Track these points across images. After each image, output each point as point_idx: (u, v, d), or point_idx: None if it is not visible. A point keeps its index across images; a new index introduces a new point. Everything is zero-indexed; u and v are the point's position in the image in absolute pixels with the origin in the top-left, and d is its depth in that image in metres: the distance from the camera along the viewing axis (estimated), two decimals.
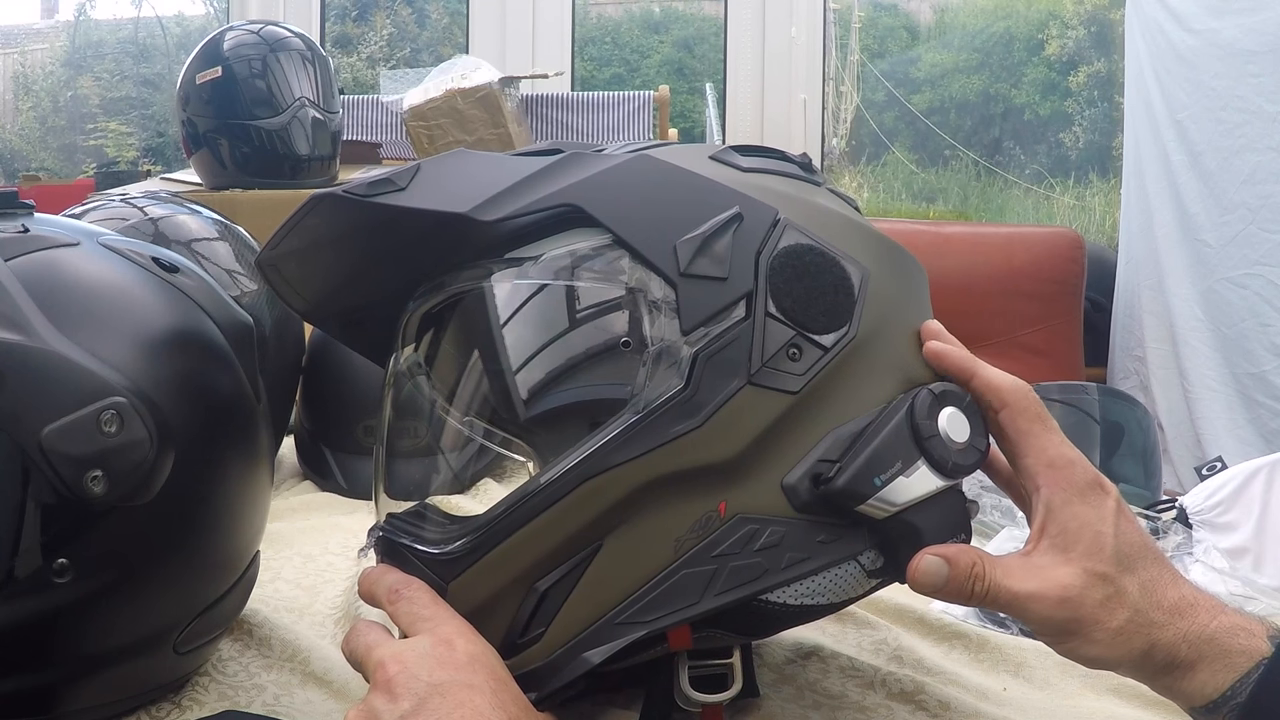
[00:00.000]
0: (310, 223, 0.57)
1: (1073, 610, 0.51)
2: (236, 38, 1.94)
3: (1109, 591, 0.51)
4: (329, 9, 3.60)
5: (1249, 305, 2.25)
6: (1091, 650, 0.52)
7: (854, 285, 0.54)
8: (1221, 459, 1.10)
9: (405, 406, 0.63)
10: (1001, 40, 3.65)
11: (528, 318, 0.58)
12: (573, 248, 0.55)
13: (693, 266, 0.52)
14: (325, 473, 1.11)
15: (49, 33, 4.29)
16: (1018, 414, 0.54)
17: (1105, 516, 0.53)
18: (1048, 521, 0.53)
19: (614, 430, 0.51)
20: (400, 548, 0.56)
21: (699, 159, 0.57)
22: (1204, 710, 0.52)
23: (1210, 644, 0.51)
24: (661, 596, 0.51)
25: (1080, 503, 0.53)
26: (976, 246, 2.56)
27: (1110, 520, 0.53)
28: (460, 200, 0.54)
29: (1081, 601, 0.51)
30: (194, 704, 0.64)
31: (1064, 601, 0.51)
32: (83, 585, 0.54)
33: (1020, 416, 0.54)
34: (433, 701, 0.47)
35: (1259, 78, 2.19)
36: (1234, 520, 0.97)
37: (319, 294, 0.64)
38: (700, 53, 3.75)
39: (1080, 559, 0.52)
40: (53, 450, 0.52)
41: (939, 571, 0.52)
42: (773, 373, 0.51)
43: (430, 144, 2.31)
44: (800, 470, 0.52)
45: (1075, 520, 0.52)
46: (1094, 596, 0.51)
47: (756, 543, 0.51)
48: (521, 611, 0.53)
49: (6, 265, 0.56)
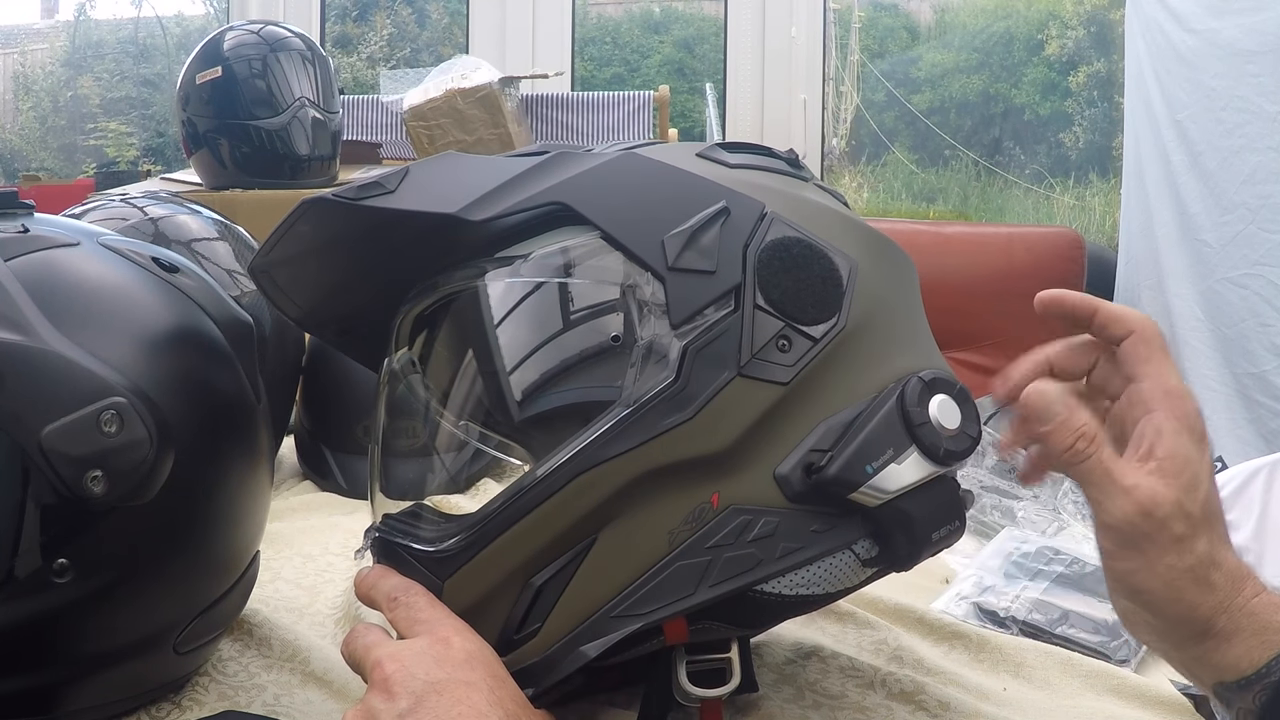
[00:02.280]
0: (301, 229, 0.58)
1: (1152, 527, 0.50)
2: (236, 38, 1.94)
3: (1186, 532, 0.50)
4: (329, 9, 3.60)
5: (1249, 305, 2.25)
6: (1146, 580, 0.51)
7: (842, 277, 0.54)
8: (1221, 459, 1.10)
9: (399, 407, 0.63)
10: (1001, 40, 3.64)
11: (518, 316, 0.58)
12: (561, 245, 0.55)
13: (681, 261, 0.52)
14: (325, 473, 1.11)
15: (49, 33, 4.29)
16: (1142, 340, 0.54)
17: (1205, 464, 0.52)
18: (1157, 443, 0.52)
19: (606, 424, 0.51)
20: (396, 547, 0.56)
21: (686, 156, 0.58)
22: (1235, 686, 0.50)
23: (1250, 618, 0.50)
24: (656, 589, 0.51)
25: (1190, 440, 0.52)
26: (976, 246, 2.56)
27: (1207, 470, 0.52)
28: (449, 201, 0.54)
29: (1163, 524, 0.50)
30: (194, 704, 0.64)
31: (1149, 515, 0.50)
32: (83, 585, 0.54)
33: (1145, 343, 0.54)
34: (430, 700, 0.47)
35: (1259, 78, 2.19)
36: (1234, 520, 0.97)
37: (313, 300, 0.64)
38: (700, 53, 3.75)
39: (1178, 490, 0.51)
40: (53, 450, 0.52)
41: (1053, 404, 0.52)
42: (763, 364, 0.52)
43: (430, 144, 2.31)
44: (792, 460, 0.52)
45: (1183, 451, 0.52)
46: (1174, 528, 0.50)
47: (750, 533, 0.51)
48: (517, 607, 0.53)
49: (6, 265, 0.56)
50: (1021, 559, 0.88)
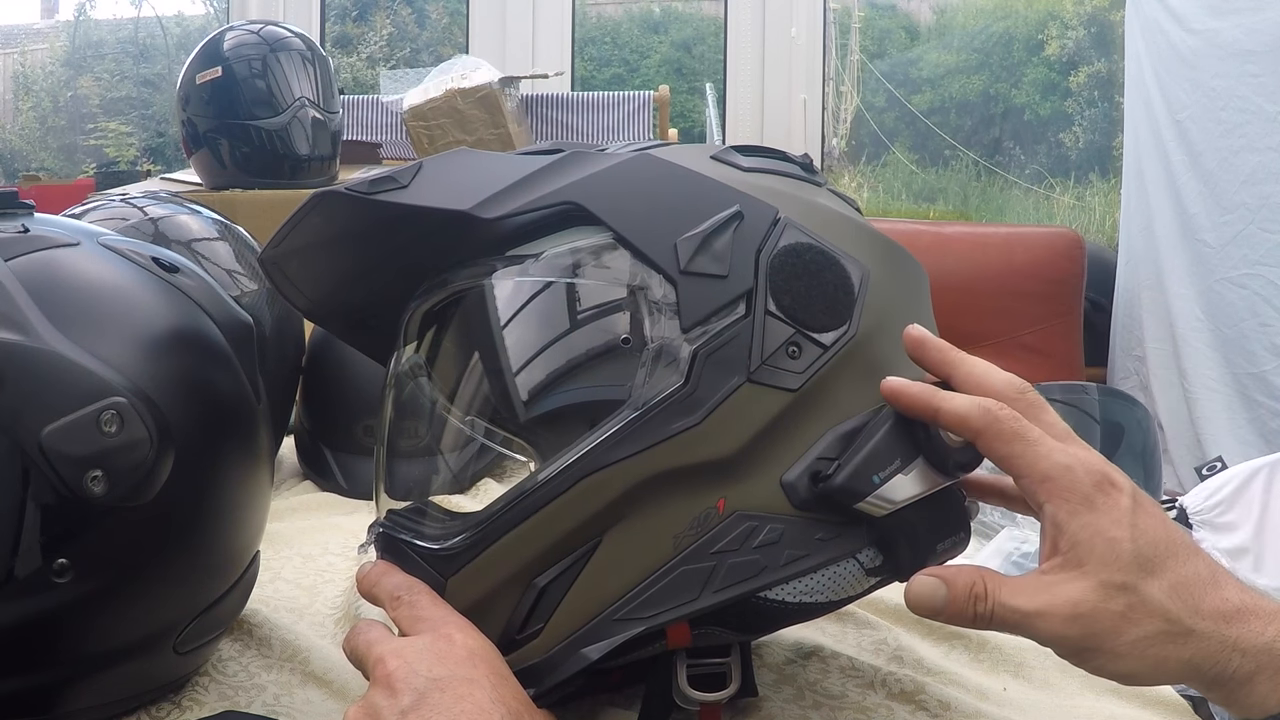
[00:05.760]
0: (312, 221, 0.58)
1: (1086, 626, 0.47)
2: (236, 38, 1.94)
3: (1129, 601, 0.47)
4: (329, 9, 3.61)
5: (1249, 305, 2.25)
6: (1119, 666, 0.47)
7: (854, 284, 0.54)
8: (1221, 459, 1.10)
9: (407, 405, 0.63)
10: (1001, 40, 3.65)
11: (528, 315, 0.58)
12: (573, 245, 0.55)
13: (693, 264, 0.52)
14: (325, 473, 1.11)
15: (49, 33, 4.29)
16: (991, 440, 0.50)
17: (1119, 519, 0.48)
18: (1057, 537, 0.48)
19: (614, 426, 0.51)
20: (400, 543, 0.56)
21: (700, 159, 0.57)
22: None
23: (1266, 654, 0.46)
24: (660, 593, 0.51)
25: (1088, 510, 0.48)
26: (976, 246, 2.57)
27: (1125, 521, 0.48)
28: (462, 198, 0.54)
29: (1095, 616, 0.47)
30: (194, 704, 0.64)
31: (1074, 618, 0.47)
32: (83, 585, 0.54)
33: (995, 441, 0.50)
34: (433, 696, 0.47)
35: (1259, 78, 2.19)
36: (1234, 520, 0.97)
37: (321, 292, 0.64)
38: (700, 53, 3.75)
39: (1095, 571, 0.47)
40: (53, 450, 0.52)
41: (935, 594, 0.49)
42: (772, 370, 0.52)
43: (430, 144, 2.32)
44: (799, 468, 0.52)
45: (1085, 530, 0.48)
46: (1111, 609, 0.47)
47: (755, 540, 0.51)
48: (520, 607, 0.53)
49: (6, 265, 0.56)
50: (1021, 559, 0.88)
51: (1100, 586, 0.47)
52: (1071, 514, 0.48)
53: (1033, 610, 0.47)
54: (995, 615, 0.48)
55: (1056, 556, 0.48)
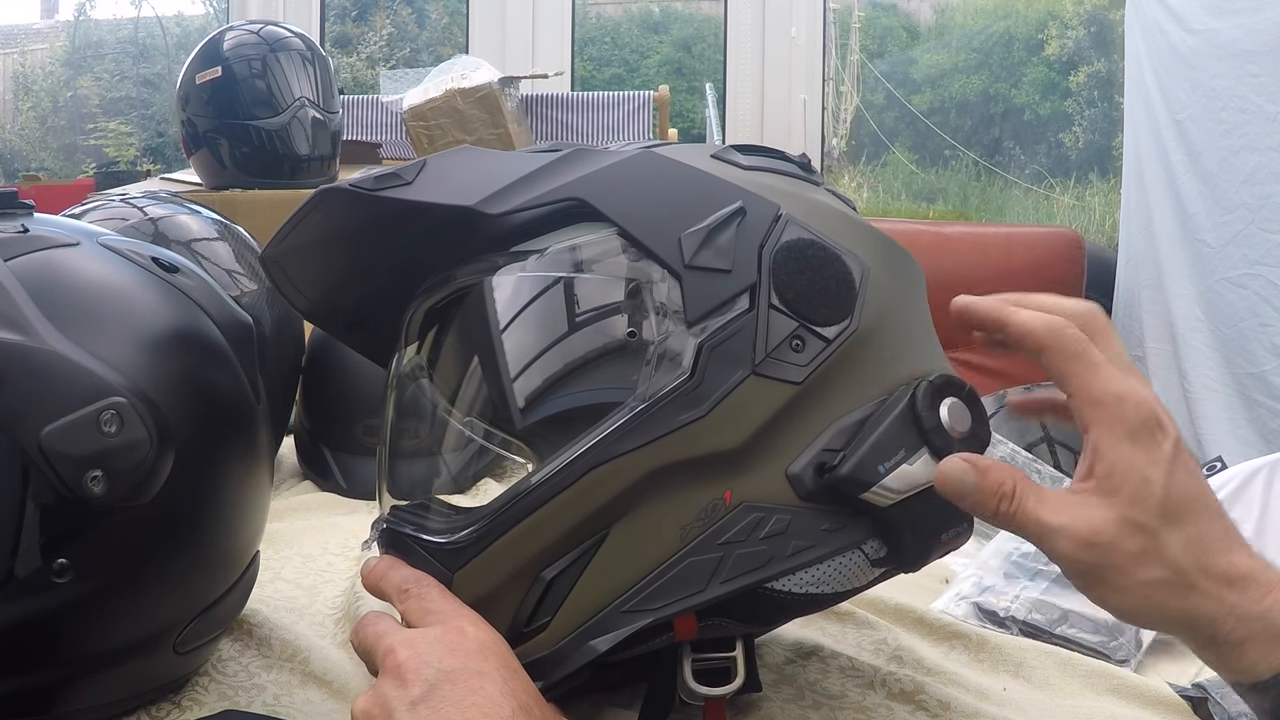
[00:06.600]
0: (315, 218, 0.58)
1: (1100, 556, 0.47)
2: (236, 38, 1.94)
3: (1145, 544, 0.47)
4: (329, 9, 3.61)
5: (1249, 305, 2.25)
6: (1120, 601, 0.48)
7: (855, 279, 0.54)
8: (1221, 459, 1.10)
9: (409, 405, 0.63)
10: (1001, 40, 3.65)
11: (533, 311, 0.58)
12: (578, 241, 0.55)
13: (697, 259, 0.53)
14: (325, 473, 1.11)
15: (49, 33, 4.30)
16: (1054, 356, 0.50)
17: (1158, 460, 0.48)
18: (1095, 462, 0.49)
19: (620, 419, 0.51)
20: (405, 538, 0.56)
21: (701, 157, 0.58)
22: (1251, 688, 0.49)
23: (1260, 622, 0.47)
24: (667, 584, 0.51)
25: (1129, 444, 0.48)
26: (976, 246, 2.56)
27: (1163, 465, 0.48)
28: (466, 194, 0.54)
29: (1111, 549, 0.47)
30: (194, 704, 0.64)
31: (1090, 545, 0.47)
32: (83, 585, 0.54)
33: (1057, 358, 0.50)
34: (443, 688, 0.47)
35: (1259, 78, 2.19)
36: (1234, 520, 0.97)
37: (322, 292, 0.64)
38: (700, 53, 3.75)
39: (1123, 505, 0.47)
40: (53, 450, 0.52)
41: (965, 478, 0.49)
42: (776, 363, 0.52)
43: (430, 144, 2.32)
44: (805, 459, 0.52)
45: (1122, 462, 0.48)
46: (1126, 547, 0.47)
47: (762, 531, 0.51)
48: (527, 600, 0.53)
49: (6, 265, 0.56)
50: (1021, 559, 0.88)
51: (1122, 521, 0.47)
52: (1113, 444, 0.48)
53: (1054, 525, 0.48)
54: (1016, 518, 0.49)
55: (1090, 480, 0.49)
